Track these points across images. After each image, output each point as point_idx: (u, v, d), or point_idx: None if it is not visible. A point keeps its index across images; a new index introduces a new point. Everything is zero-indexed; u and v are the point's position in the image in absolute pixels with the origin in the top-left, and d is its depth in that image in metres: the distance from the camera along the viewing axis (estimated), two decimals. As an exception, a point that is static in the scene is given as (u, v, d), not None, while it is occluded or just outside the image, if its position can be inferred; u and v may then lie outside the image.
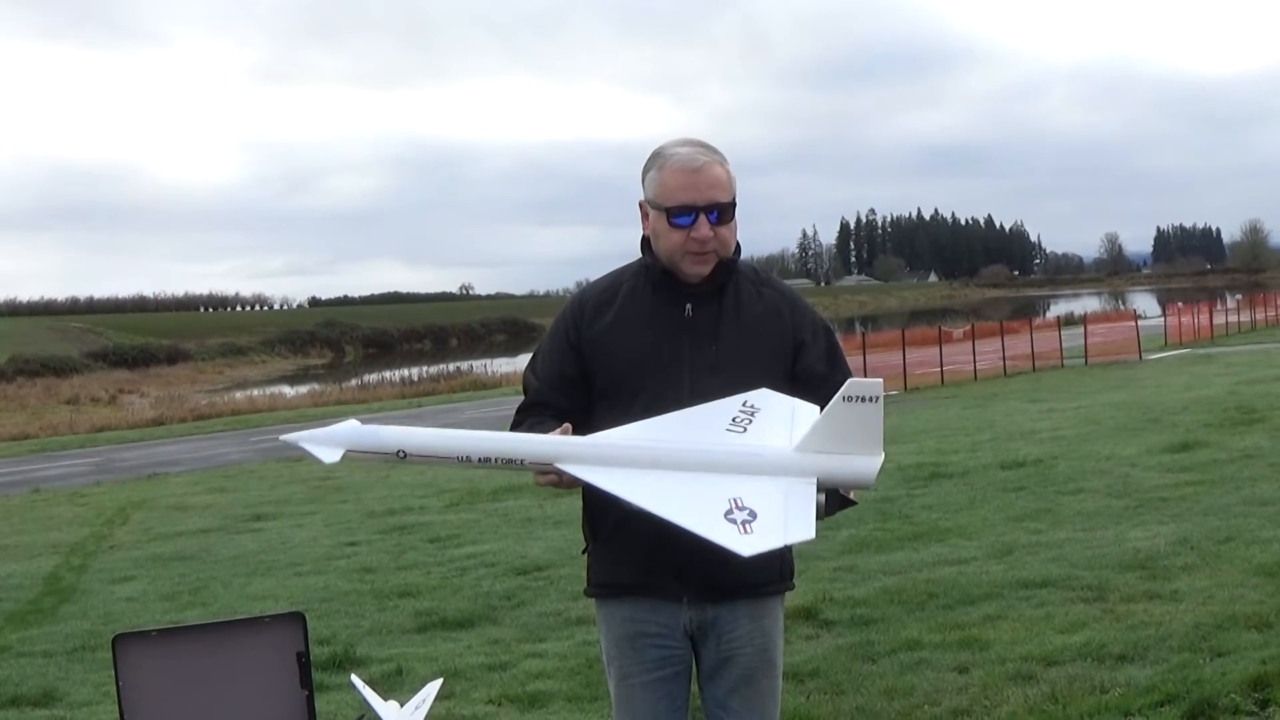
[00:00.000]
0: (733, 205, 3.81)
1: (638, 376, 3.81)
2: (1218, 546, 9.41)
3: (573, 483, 3.53)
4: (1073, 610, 8.08)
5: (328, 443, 3.49)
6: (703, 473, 3.45)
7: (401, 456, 3.50)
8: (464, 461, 3.52)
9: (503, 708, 7.15)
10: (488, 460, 3.51)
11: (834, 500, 3.48)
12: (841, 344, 4.08)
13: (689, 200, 3.75)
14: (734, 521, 3.30)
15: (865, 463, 3.44)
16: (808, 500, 3.38)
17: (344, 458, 3.48)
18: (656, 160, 3.84)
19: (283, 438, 3.63)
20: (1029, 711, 6.24)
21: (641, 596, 3.85)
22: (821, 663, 7.41)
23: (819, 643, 7.91)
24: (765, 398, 3.70)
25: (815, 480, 3.41)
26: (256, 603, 10.60)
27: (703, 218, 3.75)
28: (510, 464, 3.52)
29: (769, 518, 3.31)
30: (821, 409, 3.69)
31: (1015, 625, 7.84)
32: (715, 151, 3.84)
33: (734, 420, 3.60)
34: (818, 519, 3.40)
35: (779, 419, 3.61)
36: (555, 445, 3.52)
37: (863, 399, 3.38)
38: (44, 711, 7.88)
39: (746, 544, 3.24)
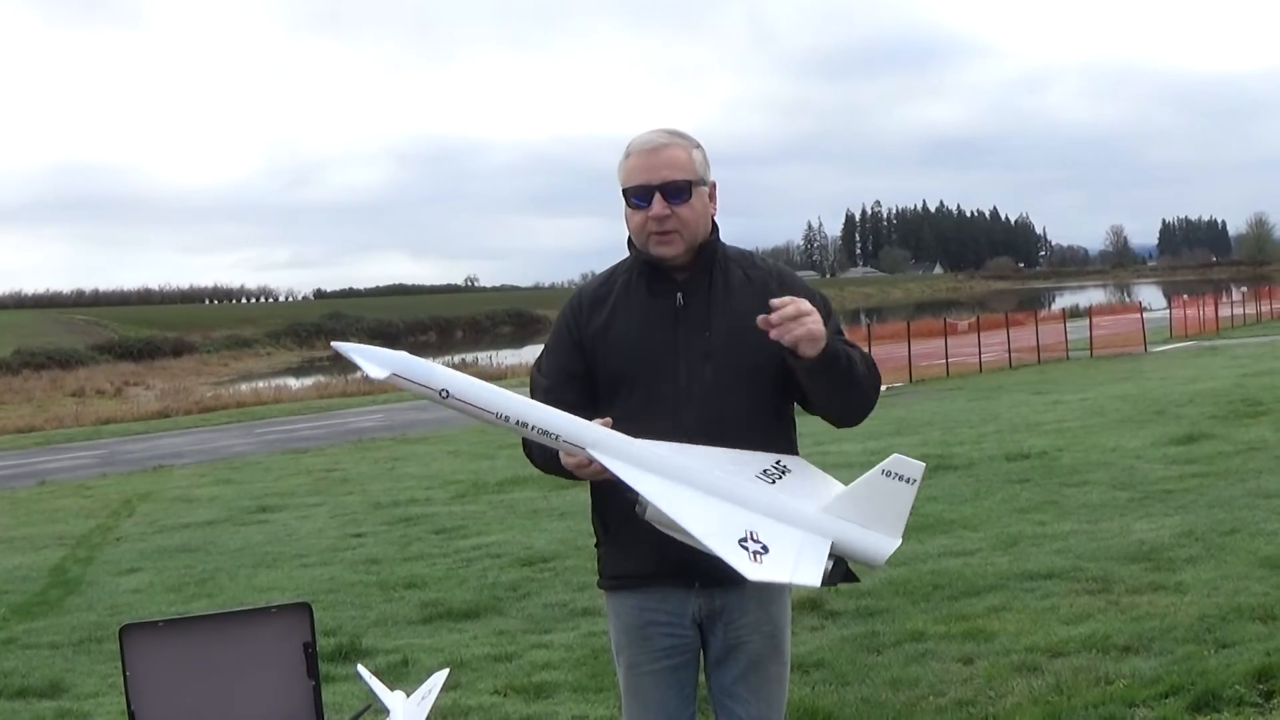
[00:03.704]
0: (689, 185, 3.81)
1: (633, 369, 3.83)
2: (1222, 539, 9.42)
3: (598, 472, 3.55)
4: (1078, 602, 8.09)
5: (378, 361, 3.47)
6: (727, 501, 3.49)
7: (444, 396, 3.48)
8: (501, 420, 3.51)
9: (508, 698, 7.16)
10: (524, 425, 3.51)
11: (838, 571, 3.50)
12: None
13: (644, 180, 3.80)
14: (745, 549, 3.33)
15: (882, 542, 3.49)
16: (819, 555, 3.41)
17: (389, 379, 3.46)
18: (625, 150, 3.90)
19: (335, 344, 3.63)
20: (1034, 703, 6.25)
21: (652, 586, 3.86)
22: (827, 654, 7.42)
23: (824, 634, 7.92)
24: (798, 463, 3.75)
25: (831, 542, 3.44)
26: (263, 594, 10.62)
27: (658, 196, 3.78)
28: (545, 435, 3.53)
29: (780, 556, 3.35)
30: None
31: (1020, 617, 7.85)
32: (679, 135, 3.88)
33: (764, 472, 3.64)
34: (822, 585, 3.44)
35: (807, 485, 3.65)
36: (594, 432, 3.54)
37: (901, 477, 3.42)
38: (51, 703, 7.89)
39: (753, 570, 3.29)
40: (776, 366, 3.85)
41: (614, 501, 3.83)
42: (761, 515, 3.46)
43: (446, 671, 5.47)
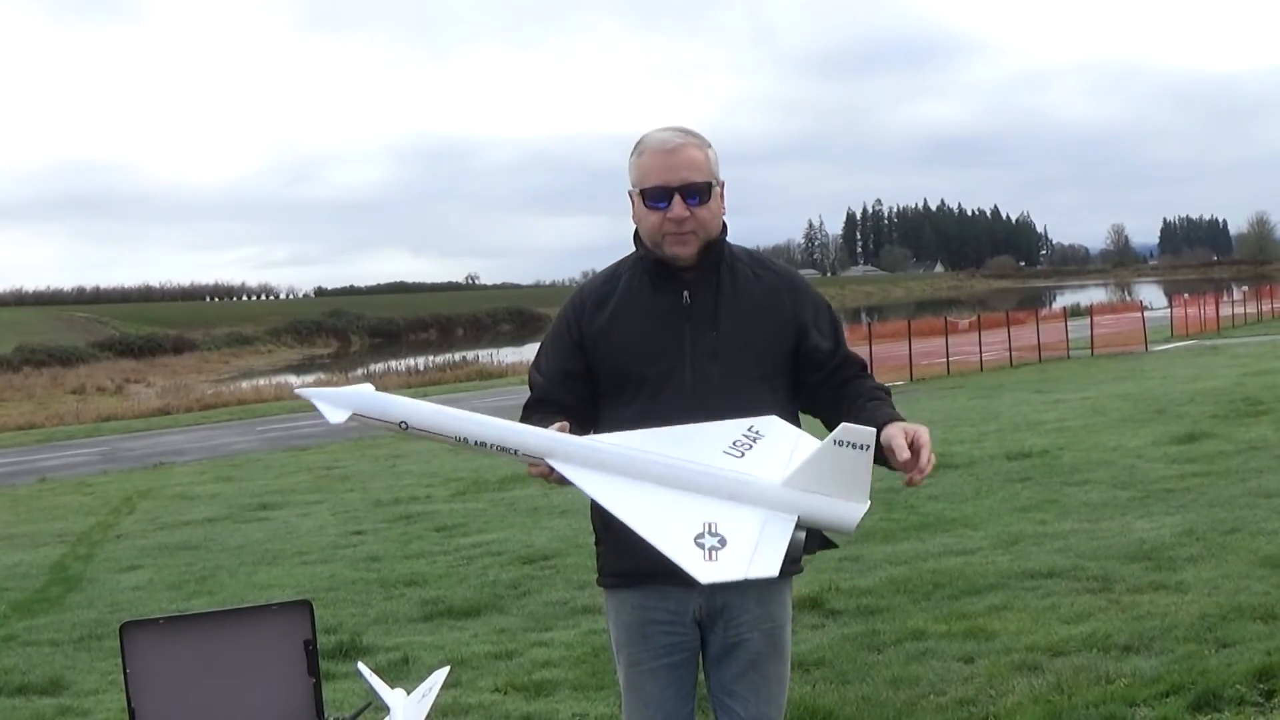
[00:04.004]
0: (709, 186, 3.81)
1: (639, 367, 3.82)
2: (1223, 538, 9.42)
3: (561, 480, 3.54)
4: (1078, 601, 8.09)
5: (338, 403, 3.51)
6: (686, 491, 3.45)
7: (404, 428, 3.50)
8: (460, 442, 3.52)
9: (509, 696, 7.16)
10: (483, 445, 3.51)
11: (815, 540, 3.47)
12: (845, 330, 4.08)
13: (663, 181, 3.78)
14: (701, 546, 3.28)
15: (848, 508, 3.41)
16: (782, 536, 3.35)
17: (349, 418, 3.51)
18: (637, 147, 3.88)
19: (298, 390, 3.67)
20: (1034, 702, 6.24)
21: (652, 584, 3.86)
22: (827, 652, 7.41)
23: (825, 632, 7.91)
24: (771, 425, 3.69)
25: (795, 517, 3.41)
26: (263, 591, 10.62)
27: (677, 198, 3.77)
28: (504, 451, 3.52)
29: (738, 548, 3.29)
30: (828, 384, 3.77)
31: (1021, 615, 7.85)
32: (694, 135, 3.86)
33: (734, 444, 3.58)
34: (799, 556, 3.42)
35: (779, 449, 3.60)
36: (550, 441, 3.52)
37: (854, 445, 3.37)
38: (51, 700, 7.89)
39: (707, 571, 3.22)
40: (784, 367, 3.86)
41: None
42: (722, 501, 3.42)
43: (447, 669, 5.46)
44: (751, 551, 3.29)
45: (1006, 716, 6.12)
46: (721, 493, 3.43)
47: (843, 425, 3.37)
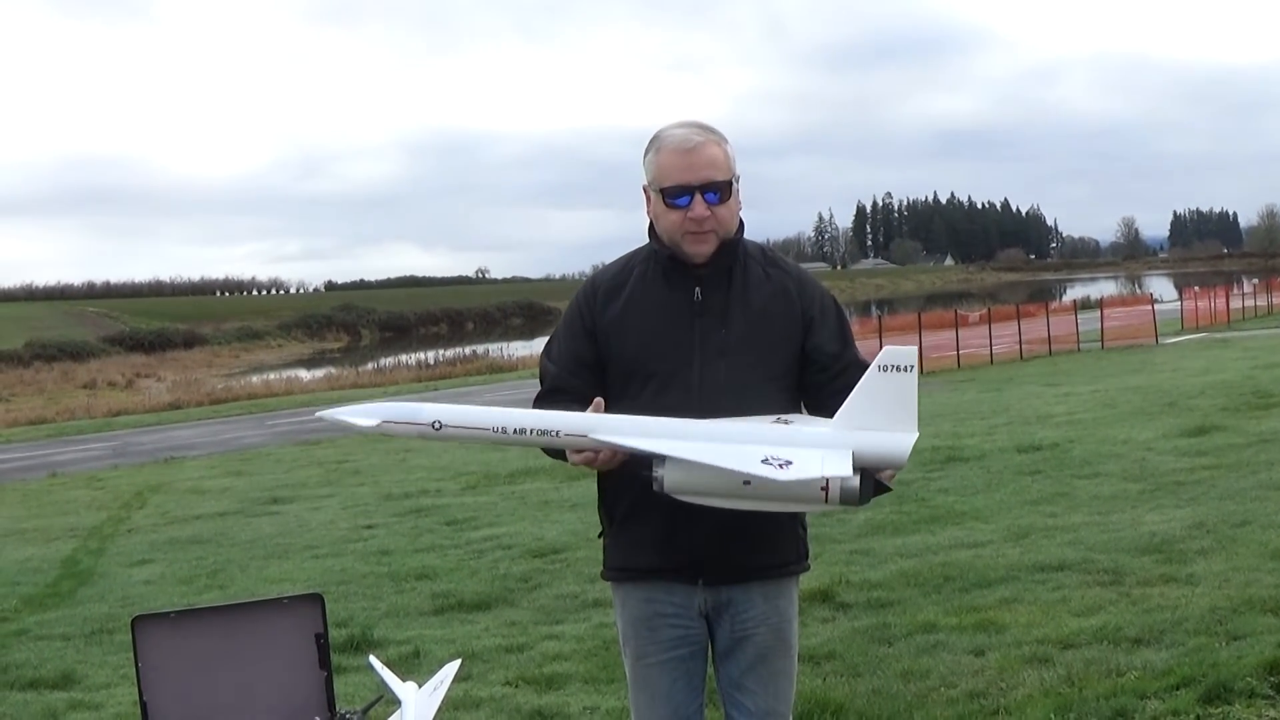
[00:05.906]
0: (729, 184, 3.81)
1: (648, 361, 3.82)
2: (1234, 530, 9.40)
3: (608, 459, 3.54)
4: (1089, 593, 8.08)
5: (365, 415, 3.55)
6: (740, 443, 3.46)
7: (437, 428, 3.52)
8: (499, 433, 3.53)
9: (520, 689, 7.17)
10: (523, 431, 3.52)
11: (869, 484, 3.48)
12: (853, 325, 4.08)
13: (684, 180, 3.77)
14: (770, 463, 3.33)
15: (899, 439, 3.44)
16: (844, 461, 3.39)
17: (380, 427, 3.53)
18: (654, 144, 3.86)
19: (320, 413, 3.67)
20: (1045, 694, 6.24)
21: (658, 578, 3.86)
22: (838, 645, 7.42)
23: (835, 625, 7.92)
24: (800, 418, 3.72)
25: (851, 451, 3.42)
26: (274, 585, 10.63)
27: (699, 197, 3.77)
28: (545, 435, 3.52)
29: (805, 463, 3.34)
30: (831, 387, 3.74)
31: (1031, 608, 7.84)
32: (712, 131, 3.85)
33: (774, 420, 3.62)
34: (856, 500, 3.43)
35: (815, 421, 3.64)
36: (591, 419, 3.55)
37: (898, 368, 3.39)
38: (63, 694, 7.91)
39: (784, 474, 3.28)
40: (792, 367, 3.85)
41: (621, 495, 3.84)
42: (776, 445, 3.44)
43: (458, 662, 5.47)
44: (820, 463, 3.34)
45: (1017, 709, 6.12)
46: (775, 439, 3.47)
47: (885, 349, 3.43)
